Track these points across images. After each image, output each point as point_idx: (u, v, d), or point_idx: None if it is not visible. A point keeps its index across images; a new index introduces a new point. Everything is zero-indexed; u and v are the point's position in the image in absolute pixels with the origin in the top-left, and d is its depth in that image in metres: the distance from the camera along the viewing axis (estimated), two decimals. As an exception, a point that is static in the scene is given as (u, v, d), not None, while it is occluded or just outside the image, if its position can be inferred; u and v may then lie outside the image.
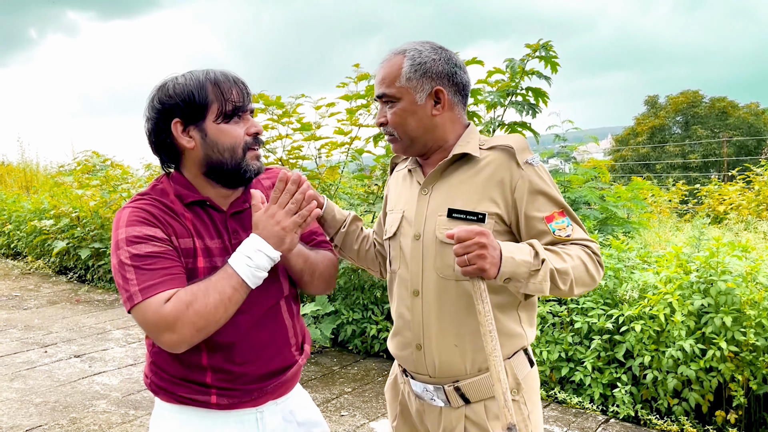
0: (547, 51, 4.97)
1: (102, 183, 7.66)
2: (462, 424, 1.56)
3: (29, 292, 7.10)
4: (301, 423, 1.61)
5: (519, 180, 1.49)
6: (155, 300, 1.30)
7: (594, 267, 1.49)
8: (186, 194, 1.44)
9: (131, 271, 1.32)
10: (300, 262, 1.52)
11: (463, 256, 1.35)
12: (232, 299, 1.34)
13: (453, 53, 1.59)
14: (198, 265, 1.40)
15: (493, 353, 1.35)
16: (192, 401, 1.45)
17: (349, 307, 4.86)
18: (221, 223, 1.47)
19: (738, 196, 8.64)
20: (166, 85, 1.42)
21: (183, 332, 1.30)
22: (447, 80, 1.55)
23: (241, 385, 1.46)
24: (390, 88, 1.54)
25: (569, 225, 1.51)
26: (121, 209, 1.41)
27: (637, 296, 3.64)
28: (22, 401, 3.88)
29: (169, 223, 1.40)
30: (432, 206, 1.57)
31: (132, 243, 1.34)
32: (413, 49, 1.54)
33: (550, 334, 3.89)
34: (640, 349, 3.49)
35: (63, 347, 5.01)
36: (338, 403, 3.86)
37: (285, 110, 4.81)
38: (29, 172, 13.17)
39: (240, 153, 1.42)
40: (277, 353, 1.51)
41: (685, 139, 27.35)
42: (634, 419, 3.51)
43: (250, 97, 1.45)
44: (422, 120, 1.55)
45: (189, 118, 1.40)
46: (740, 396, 3.21)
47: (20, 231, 8.96)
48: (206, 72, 1.42)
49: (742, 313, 3.27)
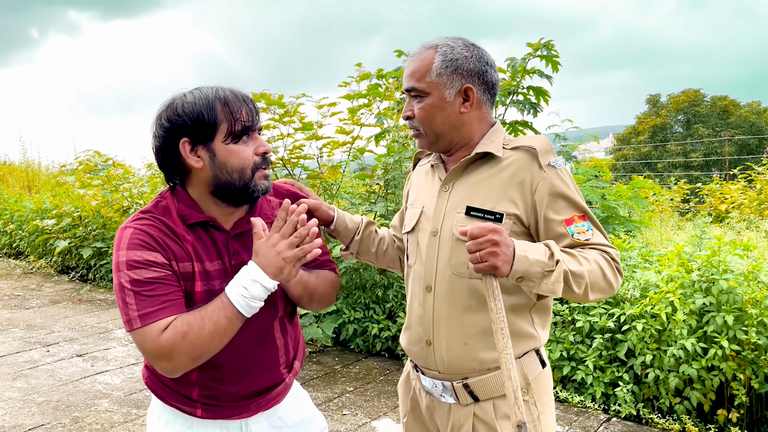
0: (549, 50, 4.96)
1: (104, 183, 7.67)
2: (470, 421, 1.56)
3: (31, 292, 7.11)
4: (293, 425, 1.61)
5: (540, 182, 1.48)
6: (153, 328, 1.31)
7: (612, 273, 1.47)
8: (189, 215, 1.43)
9: (131, 295, 1.33)
10: (299, 289, 1.51)
11: (476, 252, 1.34)
12: (227, 330, 1.35)
13: (485, 51, 1.57)
14: (195, 289, 1.41)
15: (504, 350, 1.34)
16: (179, 409, 1.49)
17: (351, 306, 4.87)
18: (222, 244, 1.46)
19: (740, 195, 8.64)
20: (175, 103, 1.40)
21: (178, 361, 1.33)
22: (477, 78, 1.54)
23: (225, 402, 1.48)
24: (420, 82, 1.53)
25: (589, 229, 1.49)
26: (123, 228, 1.40)
27: (638, 295, 3.64)
28: (25, 400, 3.89)
29: (170, 247, 1.39)
30: (451, 203, 1.57)
31: (132, 267, 1.34)
32: (445, 45, 1.53)
33: (551, 333, 3.89)
34: (641, 348, 3.49)
35: (65, 346, 5.01)
36: (340, 402, 3.87)
37: (286, 110, 4.81)
38: (31, 171, 13.19)
39: (249, 174, 1.41)
40: (265, 373, 1.52)
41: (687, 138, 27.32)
42: (636, 418, 3.51)
43: (259, 116, 1.44)
44: (449, 117, 1.54)
45: (198, 138, 1.38)
46: (742, 395, 3.21)
47: (22, 230, 8.97)
48: (215, 90, 1.40)
49: (743, 312, 3.27)
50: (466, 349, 1.54)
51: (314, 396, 3.96)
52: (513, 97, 5.21)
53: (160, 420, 1.54)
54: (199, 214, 1.43)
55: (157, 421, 1.55)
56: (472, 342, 1.53)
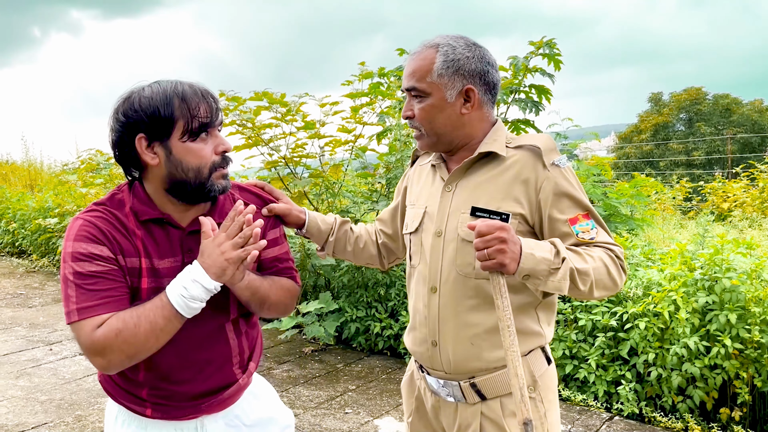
0: (551, 48, 4.96)
1: (106, 181, 7.68)
2: (478, 420, 1.56)
3: (34, 290, 7.13)
4: (251, 425, 1.58)
5: (544, 181, 1.48)
6: (88, 323, 1.30)
7: (616, 271, 1.47)
8: (143, 211, 1.40)
9: (72, 288, 1.31)
10: (247, 294, 1.44)
11: (483, 250, 1.34)
12: (164, 330, 1.32)
13: (486, 50, 1.55)
14: (142, 286, 1.38)
15: (511, 348, 1.34)
16: (131, 409, 1.47)
17: (353, 304, 4.87)
18: (177, 242, 1.42)
19: (742, 193, 8.62)
20: (132, 97, 1.35)
21: (111, 358, 1.30)
22: (479, 79, 1.52)
23: (176, 402, 1.46)
24: (420, 82, 1.51)
25: (593, 228, 1.49)
26: (74, 219, 1.38)
27: (641, 294, 3.64)
28: (28, 399, 3.89)
29: (117, 241, 1.36)
30: (455, 203, 1.56)
31: (77, 260, 1.32)
32: (447, 44, 1.51)
33: (554, 331, 3.88)
34: (644, 347, 3.48)
35: (68, 345, 5.02)
36: (342, 400, 3.87)
37: (288, 108, 4.81)
38: (33, 170, 13.21)
39: (205, 173, 1.37)
40: (216, 373, 1.48)
41: (689, 137, 27.28)
42: (639, 416, 3.51)
43: (219, 113, 1.40)
44: (450, 117, 1.53)
45: (154, 135, 1.34)
46: (745, 393, 3.21)
47: (25, 229, 8.98)
48: (174, 85, 1.36)
49: (746, 311, 3.26)
50: (473, 348, 1.53)
51: (316, 394, 3.96)
52: (515, 96, 5.21)
53: (117, 421, 1.52)
54: (152, 211, 1.40)
55: (114, 422, 1.53)
56: (478, 341, 1.53)
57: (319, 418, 3.61)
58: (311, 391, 4.03)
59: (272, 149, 5.04)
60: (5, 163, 14.93)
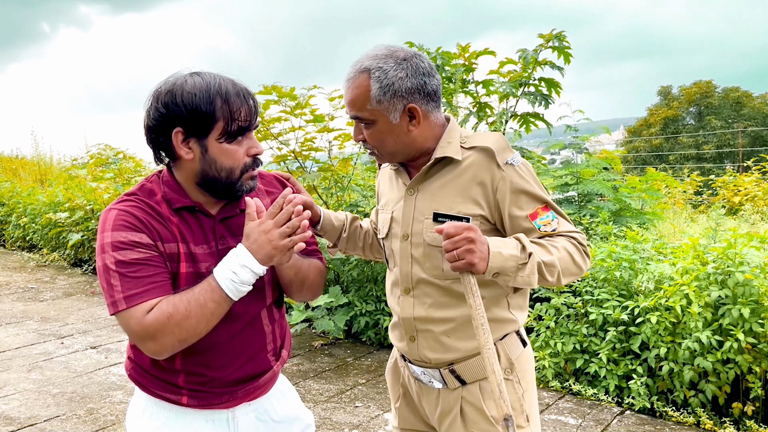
0: (560, 41, 4.92)
1: (116, 176, 7.71)
2: (459, 404, 1.62)
3: (45, 284, 7.17)
4: (278, 420, 1.60)
5: (500, 181, 1.51)
6: (138, 309, 1.31)
7: (580, 257, 1.52)
8: (175, 199, 1.42)
9: (116, 277, 1.32)
10: (291, 273, 1.50)
11: (453, 251, 1.37)
12: (214, 313, 1.34)
13: (419, 59, 1.53)
14: (181, 271, 1.39)
15: (486, 345, 1.38)
16: (165, 398, 1.48)
17: (363, 299, 4.87)
18: (209, 228, 1.44)
19: (753, 187, 8.55)
20: (174, 89, 1.35)
21: (164, 342, 1.31)
22: (418, 94, 1.51)
23: (212, 388, 1.47)
24: (362, 111, 1.52)
25: (554, 219, 1.53)
26: (107, 210, 1.38)
27: (652, 288, 3.62)
28: (40, 392, 3.92)
29: (155, 228, 1.38)
30: (418, 208, 1.60)
31: (117, 248, 1.33)
32: (377, 68, 1.49)
33: (564, 325, 3.87)
34: (656, 341, 3.46)
35: (79, 338, 5.05)
36: (352, 394, 3.87)
37: (298, 102, 4.80)
38: (43, 165, 13.27)
39: (237, 174, 1.40)
40: (252, 359, 1.51)
41: (699, 130, 27.09)
42: (650, 411, 3.49)
43: (257, 115, 1.41)
44: (399, 137, 1.54)
45: (191, 131, 1.35)
46: (758, 388, 3.19)
47: (35, 224, 9.03)
48: (218, 83, 1.36)
49: (759, 305, 3.24)
50: (449, 341, 1.59)
51: (327, 388, 3.97)
52: (524, 89, 5.18)
53: (144, 413, 1.52)
54: (184, 199, 1.42)
55: (141, 415, 1.52)
56: (453, 334, 1.59)
57: (330, 411, 3.62)
58: (321, 384, 4.04)
59: (281, 143, 5.04)
60: (15, 158, 15.02)
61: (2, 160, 15.10)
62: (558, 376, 3.88)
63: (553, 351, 3.84)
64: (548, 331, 3.91)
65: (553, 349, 3.83)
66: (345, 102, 1.56)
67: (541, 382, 3.86)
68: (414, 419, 1.79)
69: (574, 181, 5.64)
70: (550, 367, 3.81)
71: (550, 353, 3.86)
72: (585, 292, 3.86)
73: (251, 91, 1.41)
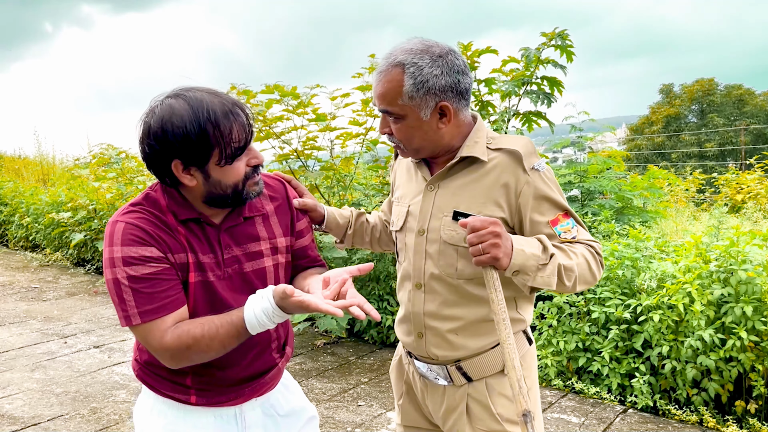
0: (563, 40, 4.92)
1: (118, 175, 7.71)
2: (465, 402, 1.62)
3: (48, 284, 7.19)
4: (284, 415, 1.63)
5: (525, 186, 1.51)
6: (155, 326, 1.33)
7: (596, 266, 1.52)
8: (180, 211, 1.42)
9: (128, 292, 1.32)
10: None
11: (478, 245, 1.37)
12: (231, 346, 1.37)
13: (454, 56, 1.51)
14: (190, 280, 1.41)
15: (507, 341, 1.37)
16: (173, 398, 1.50)
17: (365, 297, 4.86)
18: (214, 238, 1.45)
19: (756, 185, 8.53)
20: (163, 122, 1.31)
21: (180, 362, 1.37)
22: (451, 92, 1.50)
23: (220, 387, 1.49)
24: (392, 105, 1.50)
25: (574, 227, 1.54)
26: (114, 222, 1.37)
27: (655, 286, 3.61)
28: (43, 391, 3.93)
29: (164, 239, 1.38)
30: (437, 204, 1.59)
31: (129, 264, 1.33)
32: (412, 63, 1.47)
33: (567, 324, 3.87)
34: (658, 339, 3.46)
35: (82, 338, 5.06)
36: (355, 393, 3.88)
37: (300, 101, 4.80)
38: (46, 165, 13.29)
39: (241, 186, 1.41)
40: (258, 357, 1.53)
41: (701, 128, 27.05)
42: (653, 409, 3.49)
43: (251, 128, 1.39)
44: (428, 134, 1.53)
45: (189, 161, 1.35)
46: (761, 386, 3.18)
47: (38, 224, 9.05)
48: (207, 110, 1.32)
49: (762, 303, 3.23)
50: (457, 339, 1.59)
51: (329, 387, 3.97)
52: (527, 88, 5.17)
53: (152, 412, 1.54)
54: (189, 212, 1.43)
55: (149, 414, 1.54)
56: (462, 333, 1.59)
57: (332, 410, 3.62)
58: (324, 383, 4.04)
59: (283, 142, 5.04)
60: (18, 158, 15.05)
61: (5, 160, 15.14)
62: (560, 374, 3.88)
63: (556, 349, 3.84)
64: (551, 329, 3.91)
65: (556, 348, 3.83)
66: (374, 94, 1.54)
67: (544, 381, 3.86)
68: (417, 416, 1.79)
69: (578, 179, 5.63)
70: (552, 366, 3.81)
71: (553, 352, 3.86)
72: (587, 291, 3.86)
73: (241, 105, 1.38)
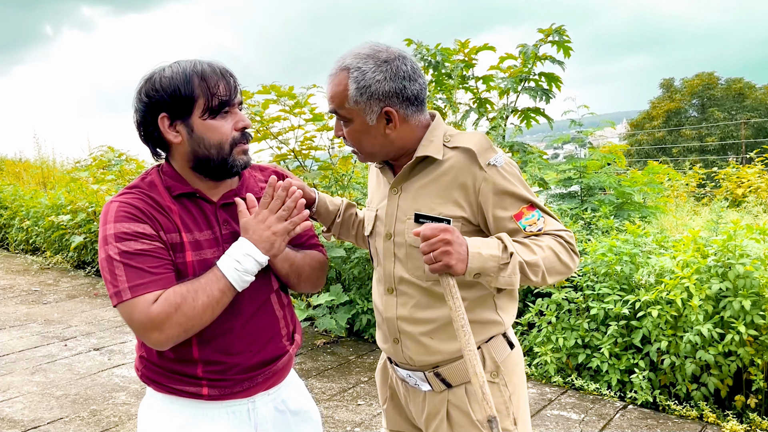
0: (560, 36, 4.91)
1: (117, 177, 7.72)
2: (445, 408, 1.60)
3: (48, 287, 7.19)
4: (295, 412, 1.62)
5: (482, 183, 1.48)
6: (143, 300, 1.32)
7: (567, 255, 1.49)
8: (175, 186, 1.45)
9: (120, 267, 1.33)
10: (286, 266, 1.52)
11: (430, 254, 1.36)
12: (219, 302, 1.37)
13: (401, 61, 1.50)
14: (187, 260, 1.41)
15: (468, 347, 1.36)
16: (183, 393, 1.47)
17: (364, 296, 4.87)
18: (212, 214, 1.47)
19: (757, 179, 8.51)
20: (153, 77, 1.40)
21: (170, 333, 1.33)
22: (396, 98, 1.48)
23: (232, 376, 1.47)
24: (340, 108, 1.51)
25: (540, 218, 1.50)
26: (109, 202, 1.41)
27: (653, 281, 3.61)
28: (43, 394, 3.93)
29: (156, 219, 1.40)
30: (401, 207, 1.58)
31: (121, 239, 1.34)
32: (356, 68, 1.47)
33: (566, 320, 3.86)
34: (657, 335, 3.46)
35: (82, 341, 5.07)
36: (354, 392, 3.88)
37: (297, 101, 4.80)
38: (46, 168, 13.30)
39: (227, 149, 1.42)
40: (268, 344, 1.53)
41: (702, 122, 26.99)
42: (653, 405, 3.49)
43: (237, 90, 1.44)
44: (376, 138, 1.52)
45: (175, 114, 1.39)
46: (760, 380, 3.18)
47: (38, 227, 9.06)
48: (194, 64, 1.40)
49: (760, 297, 3.23)
50: (432, 342, 1.57)
51: (329, 386, 3.97)
52: (524, 84, 5.17)
53: (161, 413, 1.50)
54: (184, 186, 1.45)
55: (158, 415, 1.50)
56: (436, 335, 1.57)
57: (332, 410, 3.62)
58: (324, 383, 4.04)
59: (281, 142, 5.04)
60: (19, 161, 15.05)
61: (6, 163, 15.15)
62: (560, 371, 3.88)
63: (555, 346, 3.83)
64: (550, 326, 3.91)
65: (555, 345, 3.82)
66: (327, 97, 1.55)
67: (543, 378, 3.86)
68: (401, 421, 1.78)
69: (578, 175, 5.63)
70: (552, 363, 3.81)
71: (552, 348, 3.86)
72: (586, 287, 3.86)
73: (230, 69, 1.43)
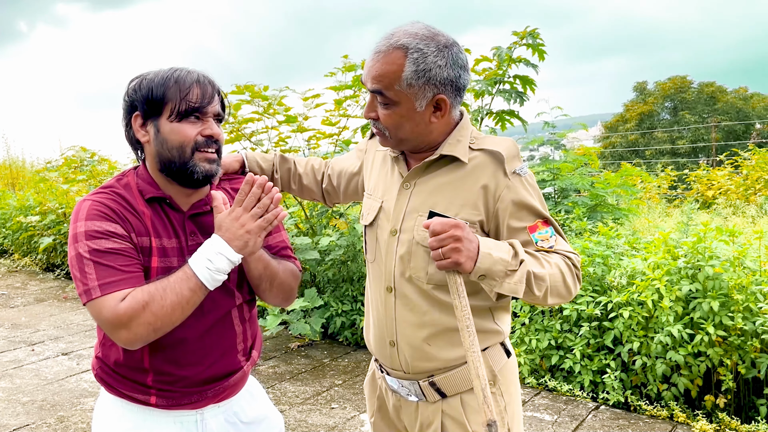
0: (534, 38, 4.93)
1: (88, 178, 7.58)
2: (439, 418, 1.54)
3: (16, 290, 7.03)
4: (247, 422, 1.59)
5: (504, 190, 1.44)
6: (112, 298, 1.30)
7: (572, 279, 1.45)
8: (147, 189, 1.44)
9: (90, 265, 1.32)
10: (260, 267, 1.48)
11: (438, 249, 1.31)
12: (189, 301, 1.34)
13: (458, 50, 1.43)
14: (152, 265, 1.39)
15: (471, 348, 1.32)
16: (133, 399, 1.46)
17: (339, 299, 4.84)
18: (179, 224, 1.45)
19: (726, 181, 8.67)
20: (140, 79, 1.42)
21: (138, 331, 1.30)
22: (450, 86, 1.42)
23: (181, 388, 1.45)
24: (388, 89, 1.40)
25: (552, 235, 1.47)
26: (82, 201, 1.40)
27: (625, 283, 3.64)
28: (9, 400, 3.84)
29: (129, 220, 1.39)
30: (413, 203, 1.51)
31: (92, 237, 1.33)
32: (416, 49, 1.38)
33: (539, 321, 3.88)
34: (628, 336, 3.49)
35: (50, 345, 4.96)
36: (328, 395, 3.84)
37: (269, 102, 4.76)
38: (15, 168, 13.03)
39: (188, 152, 1.39)
40: (221, 358, 1.49)
41: (674, 125, 27.43)
42: (624, 405, 3.52)
43: (214, 101, 1.42)
44: (418, 126, 1.45)
45: (147, 114, 1.41)
46: (729, 380, 3.22)
47: (6, 228, 8.86)
48: (175, 70, 1.42)
49: (729, 298, 3.27)
50: (430, 348, 1.51)
51: (303, 390, 3.93)
52: (499, 86, 5.18)
53: (111, 415, 1.49)
54: (155, 190, 1.44)
55: (108, 416, 1.50)
56: (435, 341, 1.51)
57: (305, 413, 3.59)
58: (297, 386, 4.00)
59: (255, 143, 4.99)
60: (-14, 162, 14.73)
61: (-27, 164, 14.82)
62: (534, 372, 3.89)
63: (529, 348, 3.84)
64: (523, 327, 3.92)
65: (529, 346, 3.84)
66: (368, 74, 1.43)
67: (517, 379, 3.87)
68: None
69: (551, 177, 5.66)
70: (525, 364, 3.82)
71: (526, 350, 3.87)
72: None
73: (211, 80, 1.44)
